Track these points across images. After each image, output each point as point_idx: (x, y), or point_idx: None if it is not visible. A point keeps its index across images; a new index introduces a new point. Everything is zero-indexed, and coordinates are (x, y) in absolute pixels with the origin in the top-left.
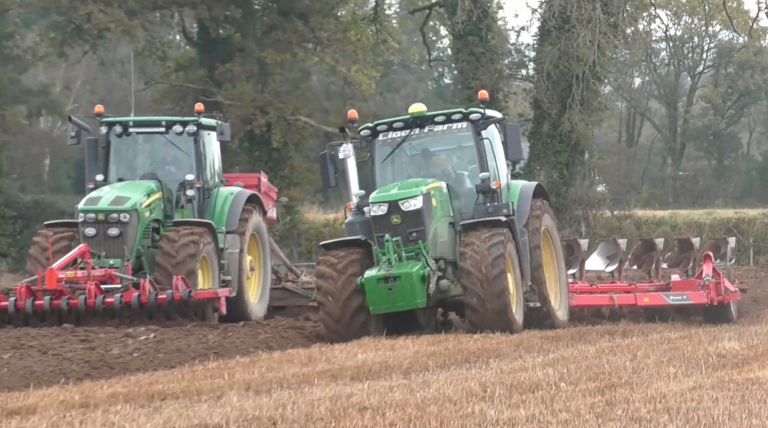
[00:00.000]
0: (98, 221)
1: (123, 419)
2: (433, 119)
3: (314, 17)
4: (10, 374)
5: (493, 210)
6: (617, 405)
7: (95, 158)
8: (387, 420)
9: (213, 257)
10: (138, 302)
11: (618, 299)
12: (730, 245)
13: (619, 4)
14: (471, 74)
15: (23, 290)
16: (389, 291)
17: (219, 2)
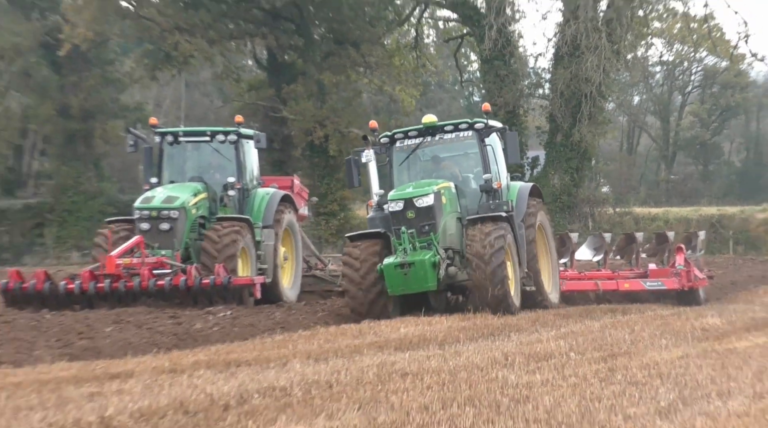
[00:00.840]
0: (152, 217)
1: (204, 382)
2: (443, 128)
3: (365, 45)
4: (111, 344)
5: (495, 207)
6: (618, 371)
7: (150, 163)
8: (425, 383)
9: (251, 248)
10: (185, 285)
11: (602, 285)
12: (700, 238)
13: (621, 34)
14: (496, 93)
15: (87, 275)
16: (405, 276)
17: (285, 33)
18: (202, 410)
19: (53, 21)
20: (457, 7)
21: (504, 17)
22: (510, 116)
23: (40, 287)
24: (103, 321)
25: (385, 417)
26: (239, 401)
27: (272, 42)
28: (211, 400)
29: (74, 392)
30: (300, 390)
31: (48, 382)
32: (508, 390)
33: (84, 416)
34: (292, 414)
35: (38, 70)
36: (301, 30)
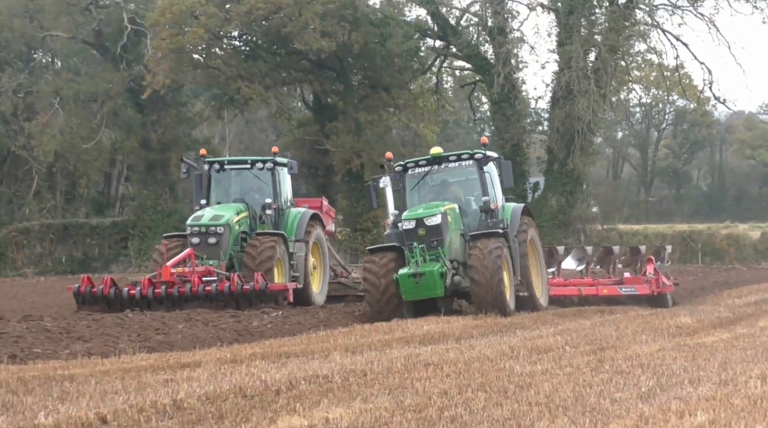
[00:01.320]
0: (201, 233)
1: (260, 371)
2: (448, 158)
3: (394, 90)
4: (182, 339)
5: (492, 225)
6: (606, 362)
7: (200, 187)
8: (444, 372)
9: (285, 258)
10: (229, 290)
11: (584, 291)
12: (668, 252)
13: (607, 81)
14: (504, 129)
15: (146, 282)
16: (417, 284)
17: (328, 80)
18: (257, 394)
19: (138, 70)
20: (471, 59)
21: (510, 67)
22: (515, 149)
23: (107, 291)
24: (176, 319)
25: (410, 400)
26: (289, 386)
27: (317, 87)
28: (266, 386)
29: (151, 379)
30: (339, 378)
31: (130, 370)
32: (514, 378)
33: (159, 399)
34: (333, 397)
35: (125, 111)
36: (342, 77)
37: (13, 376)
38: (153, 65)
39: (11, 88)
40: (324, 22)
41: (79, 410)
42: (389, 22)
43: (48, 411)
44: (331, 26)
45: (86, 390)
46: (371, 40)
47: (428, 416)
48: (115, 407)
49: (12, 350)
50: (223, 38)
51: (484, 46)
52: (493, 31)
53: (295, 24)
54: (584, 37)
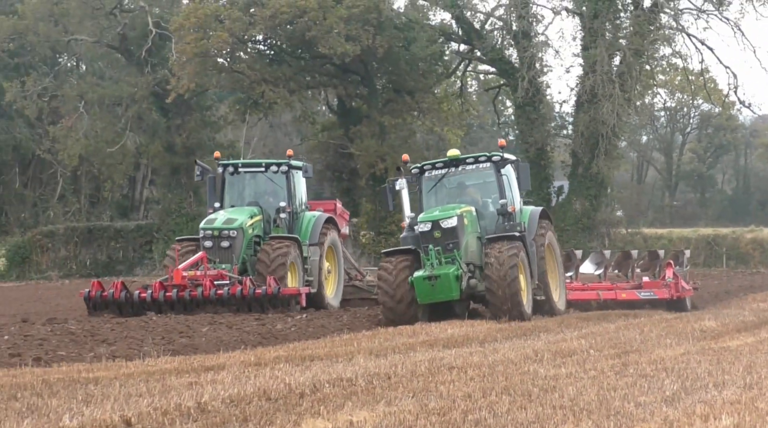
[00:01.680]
0: (214, 236)
1: (284, 374)
2: (465, 161)
3: (418, 94)
4: (206, 342)
5: (510, 228)
6: (630, 365)
7: (214, 190)
8: (468, 375)
9: (299, 262)
10: (241, 294)
11: (603, 295)
12: (686, 256)
13: (632, 85)
14: (528, 133)
15: (157, 285)
16: (432, 287)
17: (352, 84)
18: (281, 397)
19: (162, 74)
20: (495, 63)
21: (534, 71)
22: (539, 153)
23: (118, 295)
24: (200, 322)
25: (435, 403)
26: (313, 389)
27: (342, 91)
28: (290, 389)
29: (176, 381)
30: (363, 381)
31: (154, 373)
32: (538, 381)
33: (184, 401)
34: (357, 401)
35: (149, 114)
36: (366, 81)
37: (37, 379)
38: (177, 69)
39: (36, 92)
40: (348, 26)
41: (103, 413)
42: (414, 26)
43: (72, 414)
44: (356, 30)
45: (110, 392)
46: (395, 44)
47: (452, 419)
48: (140, 410)
49: (37, 352)
50: (247, 42)
51: (509, 50)
52: (517, 35)
53: (320, 28)
54: (609, 41)
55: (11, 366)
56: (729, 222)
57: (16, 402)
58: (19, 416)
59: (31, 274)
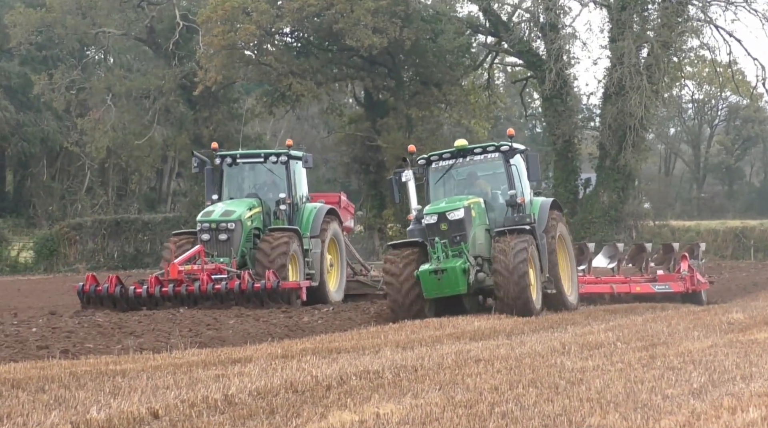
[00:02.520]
0: (211, 229)
1: (311, 366)
2: (473, 151)
3: (445, 86)
4: (233, 334)
5: (519, 219)
6: (657, 358)
7: (212, 182)
8: (495, 368)
9: (299, 255)
10: (239, 289)
11: (616, 289)
12: (702, 249)
13: (659, 77)
14: (555, 126)
15: (153, 280)
16: (438, 281)
17: (379, 76)
18: (308, 389)
19: (189, 67)
20: (523, 55)
21: (561, 63)
22: (566, 145)
23: (112, 290)
24: (227, 314)
25: (461, 396)
26: (339, 382)
27: (369, 83)
28: (316, 381)
29: (203, 374)
30: (390, 373)
31: (181, 365)
32: (565, 374)
33: (211, 394)
34: (384, 393)
35: (177, 107)
36: (393, 74)
37: (65, 371)
38: (205, 62)
39: (64, 84)
40: (376, 18)
41: (130, 405)
42: (441, 19)
43: (100, 406)
44: (383, 22)
45: (138, 385)
46: (423, 37)
47: (479, 412)
48: (167, 402)
49: (64, 345)
50: (274, 35)
51: (536, 42)
52: (544, 27)
53: (347, 20)
54: (637, 33)
55: (39, 359)
56: (757, 214)
57: (44, 395)
58: (47, 408)
59: (58, 267)
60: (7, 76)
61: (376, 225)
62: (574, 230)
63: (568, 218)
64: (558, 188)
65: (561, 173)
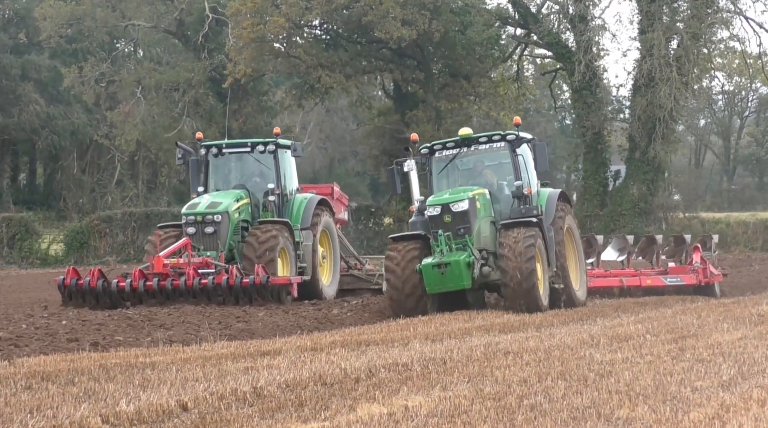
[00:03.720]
0: (197, 222)
1: (339, 359)
2: (478, 140)
3: (474, 78)
4: (263, 327)
5: (525, 211)
6: (687, 350)
7: (197, 173)
8: (524, 360)
9: (290, 248)
10: (227, 284)
11: (626, 282)
12: (714, 241)
13: (689, 68)
14: (584, 117)
15: (137, 274)
16: (442, 275)
17: (408, 68)
18: (337, 382)
19: (219, 60)
20: (552, 47)
21: (591, 55)
22: (596, 137)
23: (94, 284)
24: (256, 307)
25: (490, 388)
26: (368, 374)
27: (398, 76)
28: (345, 374)
29: (232, 366)
30: (419, 366)
31: (210, 358)
32: (594, 366)
33: (240, 386)
34: (412, 385)
35: (206, 99)
36: (422, 66)
37: (95, 363)
38: (234, 54)
39: (94, 77)
40: (404, 10)
41: (160, 397)
42: (470, 11)
43: (129, 399)
44: (412, 15)
45: (167, 377)
46: (452, 29)
47: (507, 404)
48: (196, 394)
49: (94, 337)
50: (304, 27)
51: (566, 34)
52: (574, 18)
53: (376, 13)
54: (666, 24)
55: (69, 351)
56: None
57: (74, 387)
58: (77, 400)
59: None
60: (37, 70)
61: (406, 218)
62: (603, 222)
63: (597, 211)
64: (587, 180)
65: (590, 166)
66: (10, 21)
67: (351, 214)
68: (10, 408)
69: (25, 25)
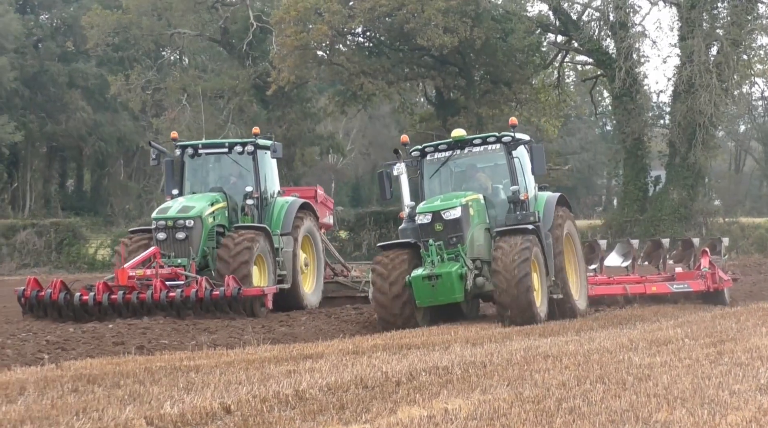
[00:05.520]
0: (168, 227)
1: (381, 362)
2: (472, 142)
3: (515, 85)
4: (305, 331)
5: (522, 218)
6: (725, 354)
7: (172, 175)
8: (563, 364)
9: (268, 255)
10: (196, 296)
11: (630, 289)
12: (724, 244)
13: (729, 75)
14: (625, 123)
15: (101, 286)
16: (432, 288)
17: (450, 75)
18: (378, 385)
19: (263, 67)
20: (593, 53)
21: (631, 61)
22: (636, 143)
23: (56, 296)
24: (299, 312)
25: (529, 392)
26: (409, 378)
27: (440, 82)
28: (386, 377)
29: (275, 369)
30: (459, 369)
31: (253, 361)
32: (633, 370)
33: (282, 389)
34: (453, 389)
35: (250, 106)
36: (464, 73)
37: (140, 367)
38: (278, 62)
39: (140, 85)
40: (446, 18)
41: (203, 400)
42: (511, 18)
43: (173, 401)
44: (454, 22)
45: (211, 380)
46: (493, 36)
47: (546, 407)
48: (239, 397)
49: (140, 341)
50: (346, 35)
51: (606, 40)
52: (614, 25)
53: (418, 20)
54: (706, 31)
55: (115, 354)
56: None
57: (119, 390)
58: (122, 403)
59: None
60: (85, 78)
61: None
62: (643, 227)
63: (637, 216)
64: (627, 185)
65: (630, 171)
66: (57, 29)
67: (336, 218)
68: (56, 410)
69: (72, 33)
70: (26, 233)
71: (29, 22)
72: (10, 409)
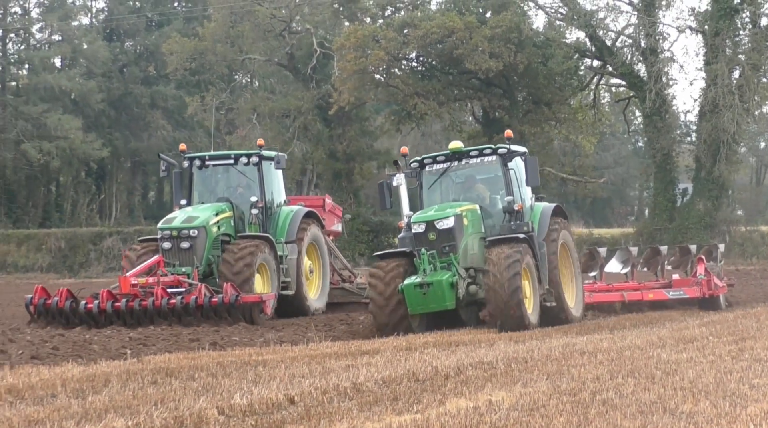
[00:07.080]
0: (173, 237)
1: (431, 357)
2: (469, 154)
3: (555, 105)
4: (363, 329)
5: (516, 228)
6: (746, 351)
7: (180, 186)
8: (597, 359)
9: (271, 263)
10: (195, 304)
11: (628, 296)
12: (720, 251)
13: (750, 96)
14: (655, 140)
15: (105, 294)
16: (424, 295)
17: (495, 96)
18: (428, 378)
19: (325, 89)
20: (625, 77)
21: (661, 84)
22: (665, 158)
23: (62, 304)
24: (357, 310)
25: (566, 385)
26: (456, 372)
27: (486, 103)
28: (436, 371)
29: (335, 364)
30: (503, 364)
31: (315, 357)
32: (661, 365)
33: (341, 382)
34: (496, 382)
35: (314, 125)
36: (508, 94)
37: (213, 361)
38: (339, 85)
39: (214, 105)
40: (492, 44)
41: (270, 392)
42: (551, 44)
43: (243, 393)
44: (498, 48)
45: (277, 374)
46: (534, 61)
47: (582, 399)
48: (302, 389)
49: (213, 338)
50: (401, 60)
51: (638, 65)
52: (645, 51)
53: (466, 46)
54: (729, 56)
55: (191, 350)
56: None
57: (194, 382)
58: (196, 394)
59: None
60: (165, 99)
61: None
62: (672, 235)
63: (666, 224)
64: (657, 196)
65: (660, 184)
66: (141, 55)
67: (345, 226)
68: (137, 401)
69: (154, 59)
70: (112, 240)
71: (115, 49)
72: (96, 399)
